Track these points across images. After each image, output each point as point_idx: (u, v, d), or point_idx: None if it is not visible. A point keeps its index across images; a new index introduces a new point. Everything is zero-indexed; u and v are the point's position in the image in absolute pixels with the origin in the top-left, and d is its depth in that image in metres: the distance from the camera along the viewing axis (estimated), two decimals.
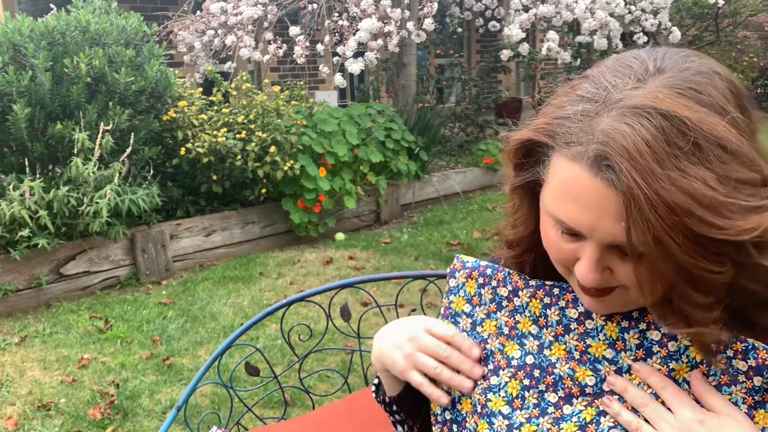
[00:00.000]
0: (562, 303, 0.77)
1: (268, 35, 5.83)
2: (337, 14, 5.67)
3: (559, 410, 0.73)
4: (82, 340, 3.43)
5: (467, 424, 0.78)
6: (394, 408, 0.90)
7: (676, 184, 0.60)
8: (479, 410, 0.77)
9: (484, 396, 0.77)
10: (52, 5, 4.49)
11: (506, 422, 0.74)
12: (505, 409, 0.75)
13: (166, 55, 4.63)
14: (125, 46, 4.30)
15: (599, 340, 0.73)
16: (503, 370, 0.77)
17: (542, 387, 0.74)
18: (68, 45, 4.06)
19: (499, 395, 0.76)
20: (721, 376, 0.68)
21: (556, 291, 0.78)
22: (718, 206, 0.59)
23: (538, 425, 0.73)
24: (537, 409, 0.74)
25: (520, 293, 0.80)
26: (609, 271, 0.68)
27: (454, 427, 0.80)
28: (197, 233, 4.64)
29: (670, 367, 0.69)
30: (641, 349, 0.71)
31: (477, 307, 0.82)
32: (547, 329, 0.76)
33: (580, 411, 0.72)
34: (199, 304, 3.85)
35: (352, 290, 2.02)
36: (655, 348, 0.70)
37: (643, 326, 0.71)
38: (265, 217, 4.99)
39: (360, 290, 1.99)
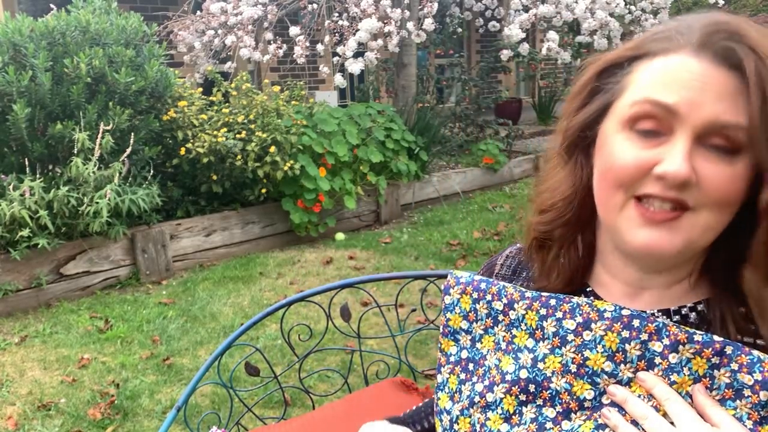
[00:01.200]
0: (559, 314, 0.74)
1: (268, 35, 5.83)
2: (337, 14, 5.67)
3: (558, 426, 0.71)
4: (82, 340, 3.43)
5: None
6: None
7: None
8: (478, 429, 0.75)
9: (483, 415, 0.75)
10: (52, 5, 4.49)
11: None
12: (504, 428, 0.73)
13: (166, 55, 4.63)
14: (125, 46, 4.30)
15: (597, 352, 0.71)
16: (497, 385, 0.75)
17: (539, 402, 0.73)
18: (68, 45, 4.06)
19: (497, 412, 0.74)
20: (726, 390, 0.66)
21: (552, 302, 0.76)
22: None
23: None
24: (535, 424, 0.72)
25: (515, 306, 0.78)
26: (695, 176, 0.65)
27: None
28: (197, 233, 4.64)
29: (672, 380, 0.68)
30: (643, 361, 0.69)
31: (474, 323, 0.81)
32: (543, 342, 0.74)
33: (579, 426, 0.70)
34: (199, 304, 3.85)
35: (352, 290, 2.02)
36: (657, 359, 0.68)
37: (644, 336, 0.69)
38: (265, 217, 4.99)
39: (360, 290, 2.00)
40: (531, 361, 0.74)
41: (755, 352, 0.66)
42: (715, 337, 0.68)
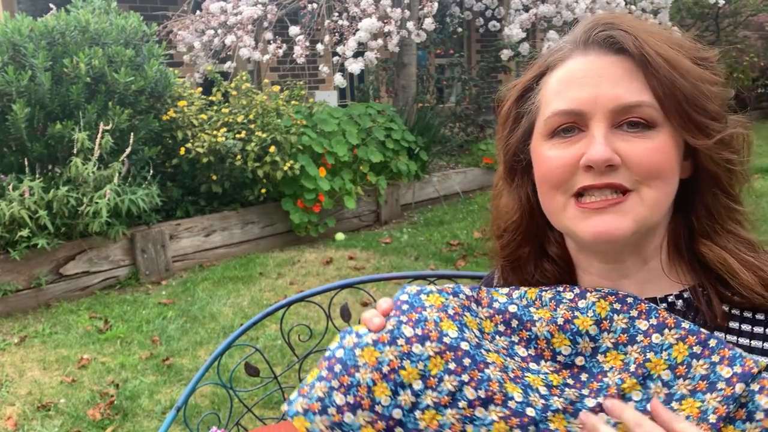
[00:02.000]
0: (560, 288, 0.77)
1: (268, 35, 5.83)
2: (337, 14, 5.67)
3: (525, 363, 0.72)
4: (81, 340, 3.42)
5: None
6: None
7: (661, 31, 0.71)
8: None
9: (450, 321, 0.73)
10: (51, 5, 4.48)
11: (475, 341, 0.72)
12: (474, 335, 0.72)
13: (165, 54, 4.62)
14: (125, 45, 4.29)
15: (587, 316, 0.72)
16: (483, 308, 0.75)
17: (515, 339, 0.73)
18: (68, 45, 4.05)
19: (475, 321, 0.74)
20: (699, 382, 0.66)
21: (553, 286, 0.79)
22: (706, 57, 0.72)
23: (505, 360, 0.71)
24: (504, 350, 0.72)
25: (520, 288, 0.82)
26: (617, 157, 0.69)
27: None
28: (197, 233, 4.63)
29: (647, 357, 0.68)
30: (626, 334, 0.70)
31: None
32: (542, 308, 0.75)
33: (546, 373, 0.70)
34: (199, 305, 3.85)
35: (352, 290, 2.01)
36: (639, 337, 0.69)
37: (634, 313, 0.70)
38: (265, 217, 4.99)
39: (360, 290, 1.99)
40: (524, 304, 0.75)
41: (738, 350, 0.66)
42: (702, 329, 0.68)
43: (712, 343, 0.67)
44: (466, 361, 0.68)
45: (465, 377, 0.67)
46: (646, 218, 0.70)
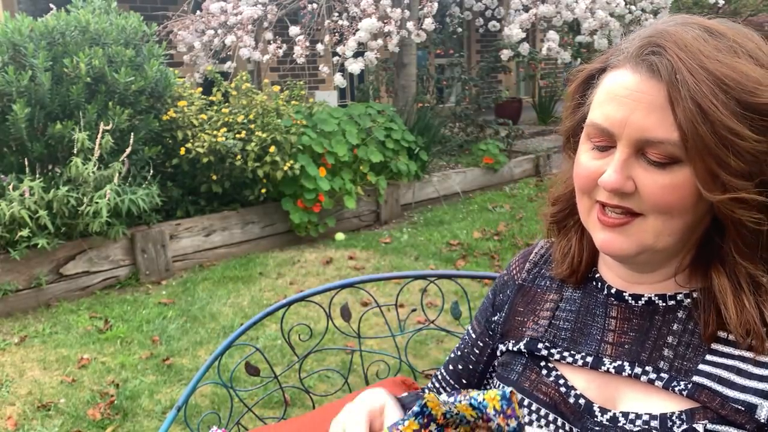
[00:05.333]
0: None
1: (268, 35, 5.83)
2: (337, 14, 5.67)
3: None
4: (81, 340, 3.43)
5: None
6: None
7: (720, 60, 0.67)
8: None
9: None
10: (51, 5, 4.48)
11: None
12: None
13: (165, 55, 4.62)
14: (125, 45, 4.30)
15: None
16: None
17: None
18: (68, 45, 4.06)
19: None
20: None
21: None
22: (762, 81, 0.66)
23: None
24: None
25: None
26: (632, 184, 0.71)
27: None
28: (197, 233, 4.64)
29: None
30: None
31: None
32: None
33: None
34: (199, 304, 3.85)
35: (352, 290, 2.01)
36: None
37: None
38: (265, 217, 4.99)
39: (360, 290, 1.99)
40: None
41: None
42: None
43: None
44: None
45: None
46: (650, 244, 0.73)
